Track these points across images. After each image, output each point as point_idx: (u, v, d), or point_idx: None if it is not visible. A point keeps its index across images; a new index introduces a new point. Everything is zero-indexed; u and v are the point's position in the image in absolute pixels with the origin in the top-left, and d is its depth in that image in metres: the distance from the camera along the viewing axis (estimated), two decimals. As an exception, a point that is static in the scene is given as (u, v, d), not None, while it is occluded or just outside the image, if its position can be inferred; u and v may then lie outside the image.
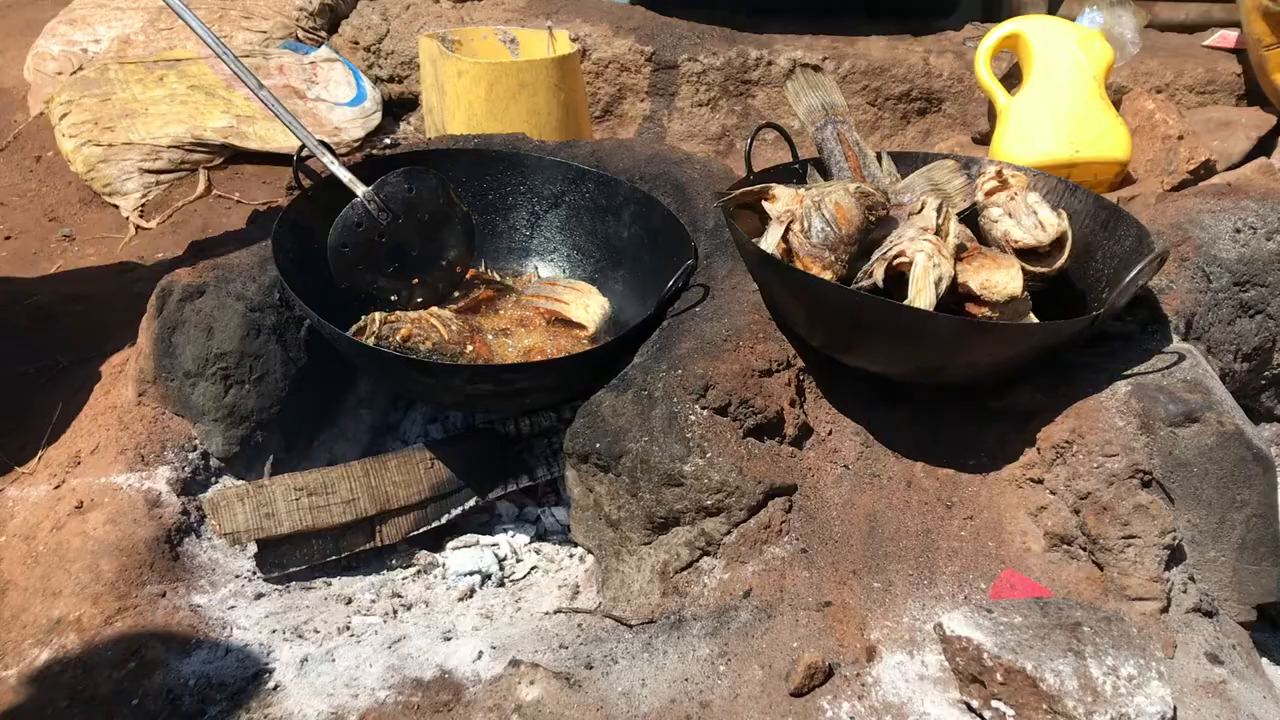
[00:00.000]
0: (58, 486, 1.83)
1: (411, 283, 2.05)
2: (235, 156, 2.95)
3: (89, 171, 2.85)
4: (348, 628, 1.69)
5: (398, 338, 1.89)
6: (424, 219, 2.00)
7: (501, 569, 1.89)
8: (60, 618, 1.60)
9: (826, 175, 2.01)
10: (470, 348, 1.94)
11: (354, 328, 1.89)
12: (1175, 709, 1.38)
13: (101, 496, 1.78)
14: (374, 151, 3.13)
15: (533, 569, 1.90)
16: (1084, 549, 1.64)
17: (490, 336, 2.02)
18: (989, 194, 1.86)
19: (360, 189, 1.94)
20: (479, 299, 2.15)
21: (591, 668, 1.53)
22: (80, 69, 3.23)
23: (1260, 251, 2.02)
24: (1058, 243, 1.74)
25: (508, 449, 1.98)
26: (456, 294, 2.15)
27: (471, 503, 1.92)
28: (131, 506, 1.77)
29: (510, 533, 1.98)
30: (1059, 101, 2.86)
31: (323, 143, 1.97)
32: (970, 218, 1.86)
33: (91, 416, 2.00)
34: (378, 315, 1.92)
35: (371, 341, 1.85)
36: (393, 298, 2.03)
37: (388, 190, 1.96)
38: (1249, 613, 1.64)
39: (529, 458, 1.98)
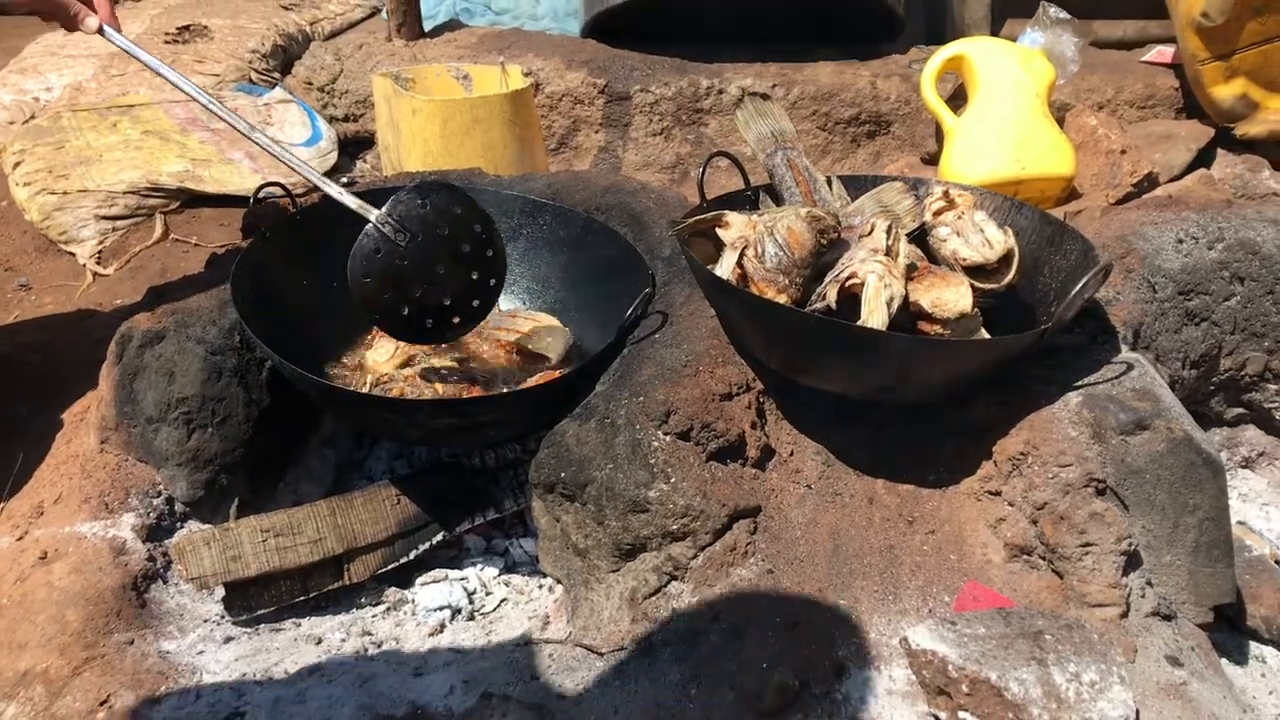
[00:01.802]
0: (21, 538, 1.81)
1: (444, 304, 1.89)
2: (191, 200, 2.94)
3: (44, 220, 2.84)
4: (319, 668, 1.69)
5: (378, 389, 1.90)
6: (444, 233, 1.84)
7: (471, 602, 1.89)
8: (27, 670, 1.58)
9: (778, 201, 2.05)
10: (439, 390, 1.95)
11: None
12: (1138, 712, 1.40)
13: (66, 546, 1.77)
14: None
15: (503, 601, 1.91)
16: (1043, 558, 1.67)
17: (483, 378, 2.03)
18: (937, 214, 1.90)
19: (372, 213, 1.81)
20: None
21: (564, 697, 1.54)
22: (32, 117, 3.22)
23: (1203, 261, 2.08)
24: (1005, 259, 1.78)
25: (474, 482, 1.99)
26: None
27: (439, 537, 1.93)
28: (96, 555, 1.76)
29: (479, 566, 1.98)
30: (1004, 120, 2.92)
31: (272, 183, 1.97)
32: (920, 238, 1.90)
33: (54, 466, 1.99)
34: (369, 377, 1.94)
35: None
36: (428, 323, 1.89)
37: (401, 210, 1.82)
38: (1206, 615, 1.68)
39: (495, 490, 1.99)
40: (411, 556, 1.91)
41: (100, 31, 1.74)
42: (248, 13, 3.98)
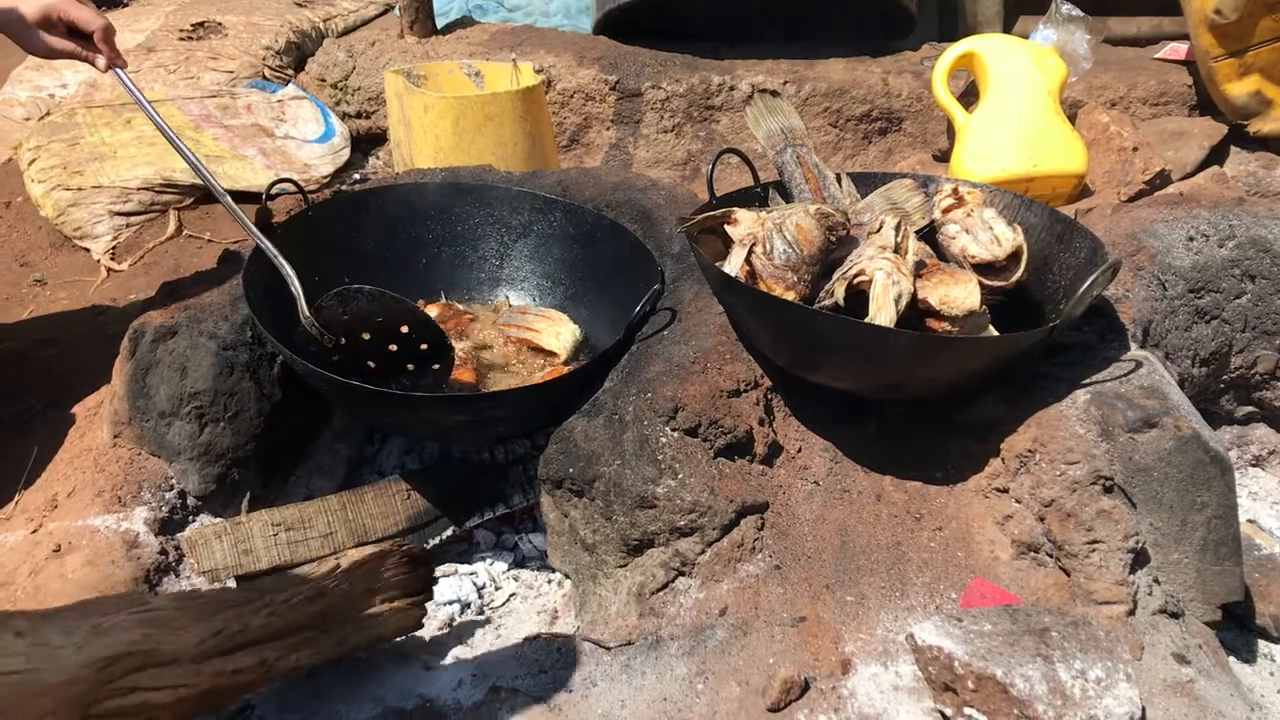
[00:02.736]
0: (35, 530, 1.83)
1: (388, 385, 1.95)
2: (205, 196, 2.97)
3: (59, 216, 2.86)
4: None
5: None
6: (366, 338, 1.89)
7: (480, 597, 1.90)
8: (40, 661, 1.60)
9: (788, 198, 2.05)
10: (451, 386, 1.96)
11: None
12: (1144, 709, 1.40)
13: (79, 539, 1.79)
14: (343, 187, 3.16)
15: (511, 596, 1.92)
16: (1050, 555, 1.67)
17: (496, 375, 2.04)
18: (946, 211, 1.90)
19: (304, 313, 1.84)
20: (459, 323, 2.17)
21: (571, 691, 1.55)
22: (48, 114, 3.25)
23: (1214, 258, 2.07)
24: (1014, 257, 1.78)
25: (483, 477, 2.00)
26: (430, 312, 2.08)
27: (449, 532, 1.94)
28: (109, 548, 1.77)
29: (489, 560, 1.99)
30: (1015, 118, 2.91)
31: (284, 179, 1.99)
32: (929, 235, 1.90)
33: (67, 460, 2.01)
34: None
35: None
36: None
37: (325, 315, 1.85)
38: (1214, 612, 1.68)
39: (505, 485, 2.00)
40: (422, 551, 1.92)
41: (109, 70, 1.85)
42: (262, 9, 4.00)
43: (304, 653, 1.47)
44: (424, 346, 1.92)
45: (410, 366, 1.94)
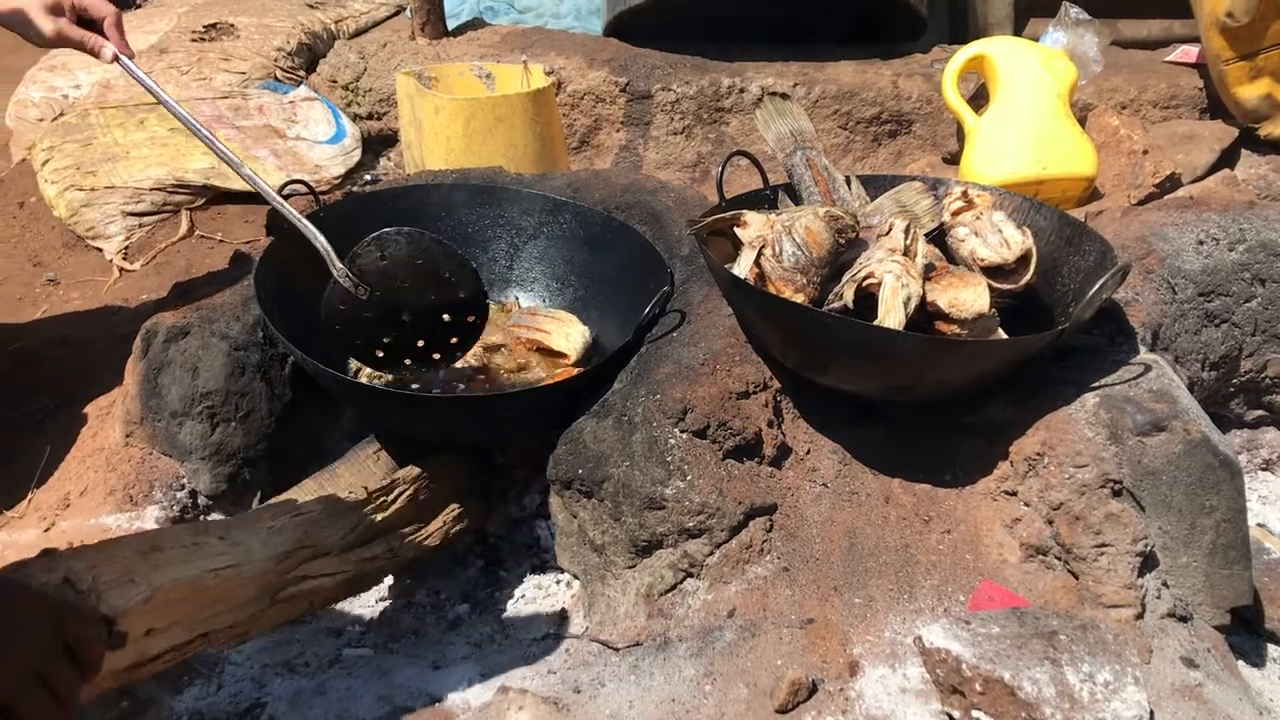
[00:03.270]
0: (47, 529, 1.85)
1: (417, 345, 1.94)
2: (217, 197, 2.98)
3: (72, 216, 2.88)
4: (339, 659, 1.71)
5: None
6: (404, 285, 1.87)
7: (490, 597, 1.91)
8: (52, 659, 1.61)
9: (797, 200, 2.05)
10: (461, 388, 1.97)
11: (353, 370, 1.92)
12: (1152, 713, 1.40)
13: (91, 538, 1.79)
14: (354, 189, 3.17)
15: (520, 596, 1.93)
16: (1059, 559, 1.67)
17: (504, 375, 2.04)
18: (955, 214, 1.90)
19: (336, 266, 1.83)
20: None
21: (579, 691, 1.55)
22: (61, 114, 3.26)
23: (1223, 262, 2.07)
24: (1023, 260, 1.78)
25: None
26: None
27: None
28: (121, 546, 1.78)
29: (503, 562, 2.00)
30: (1025, 121, 2.91)
31: (296, 180, 2.00)
32: (938, 238, 1.90)
33: (79, 459, 2.02)
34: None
35: (364, 378, 1.87)
36: (406, 361, 1.95)
37: (361, 263, 1.84)
38: (1223, 616, 1.67)
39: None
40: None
41: (115, 60, 1.82)
42: (274, 11, 4.01)
43: (415, 540, 1.80)
44: (461, 295, 1.90)
45: (446, 317, 1.92)
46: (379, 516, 1.73)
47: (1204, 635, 1.63)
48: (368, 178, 3.35)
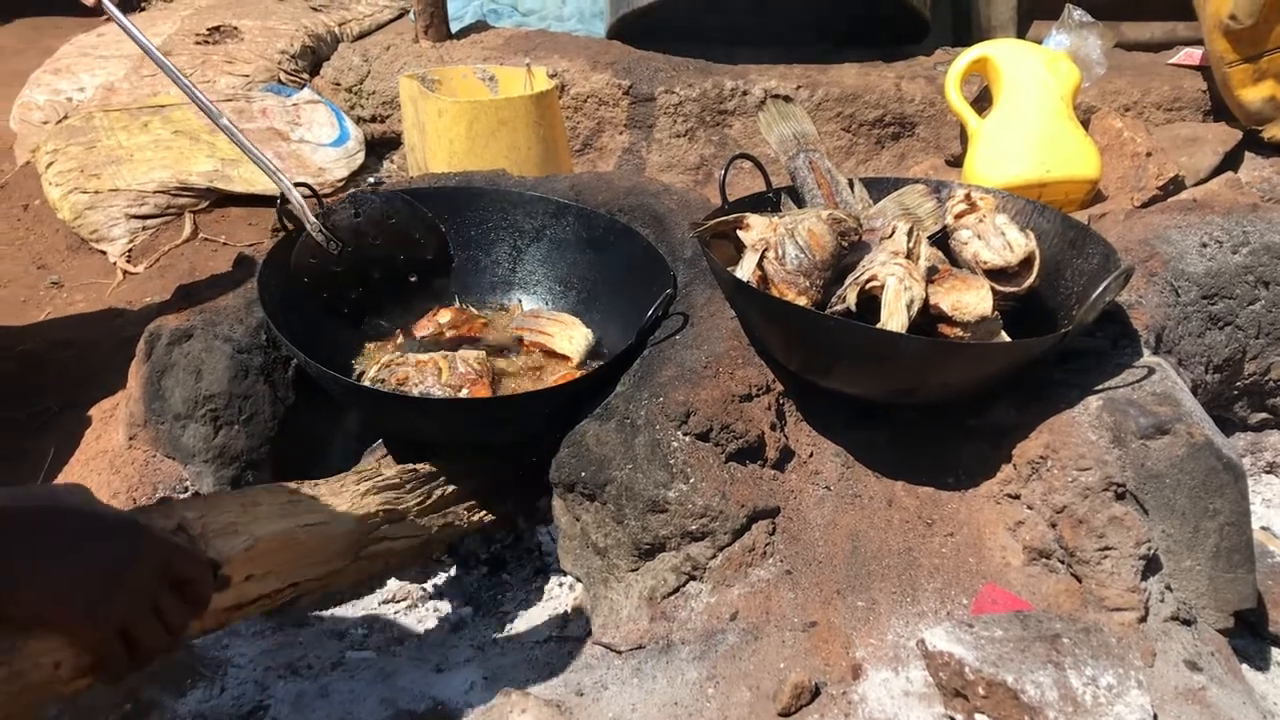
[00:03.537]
0: (51, 532, 1.84)
1: (383, 302, 2.04)
2: (220, 199, 2.99)
3: (76, 219, 2.88)
4: (341, 662, 1.71)
5: (393, 381, 1.91)
6: (376, 242, 1.97)
7: (492, 599, 1.91)
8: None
9: (800, 203, 2.05)
10: (465, 391, 1.96)
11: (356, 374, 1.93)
12: (1155, 717, 1.40)
13: (94, 540, 1.80)
14: (357, 191, 3.17)
15: (523, 599, 1.92)
16: (1062, 562, 1.67)
17: (509, 380, 2.05)
18: (958, 216, 1.90)
19: (310, 221, 1.91)
20: (471, 329, 2.18)
21: (582, 694, 1.55)
22: (65, 117, 3.27)
23: (1227, 265, 2.07)
24: (1026, 262, 1.78)
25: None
26: (443, 317, 2.14)
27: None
28: (124, 549, 1.78)
29: (507, 565, 2.00)
30: (1028, 123, 2.91)
31: (300, 183, 2.00)
32: (941, 240, 1.90)
33: (83, 461, 2.02)
34: (384, 356, 1.94)
35: (368, 381, 1.87)
36: (380, 321, 2.04)
37: (335, 219, 1.93)
38: (1227, 620, 1.67)
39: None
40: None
41: (99, 4, 1.78)
42: (277, 14, 4.02)
43: (477, 515, 1.93)
44: (429, 257, 2.01)
45: (413, 279, 2.03)
46: (449, 489, 1.87)
47: (1207, 639, 1.63)
48: (371, 180, 3.35)
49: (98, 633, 1.01)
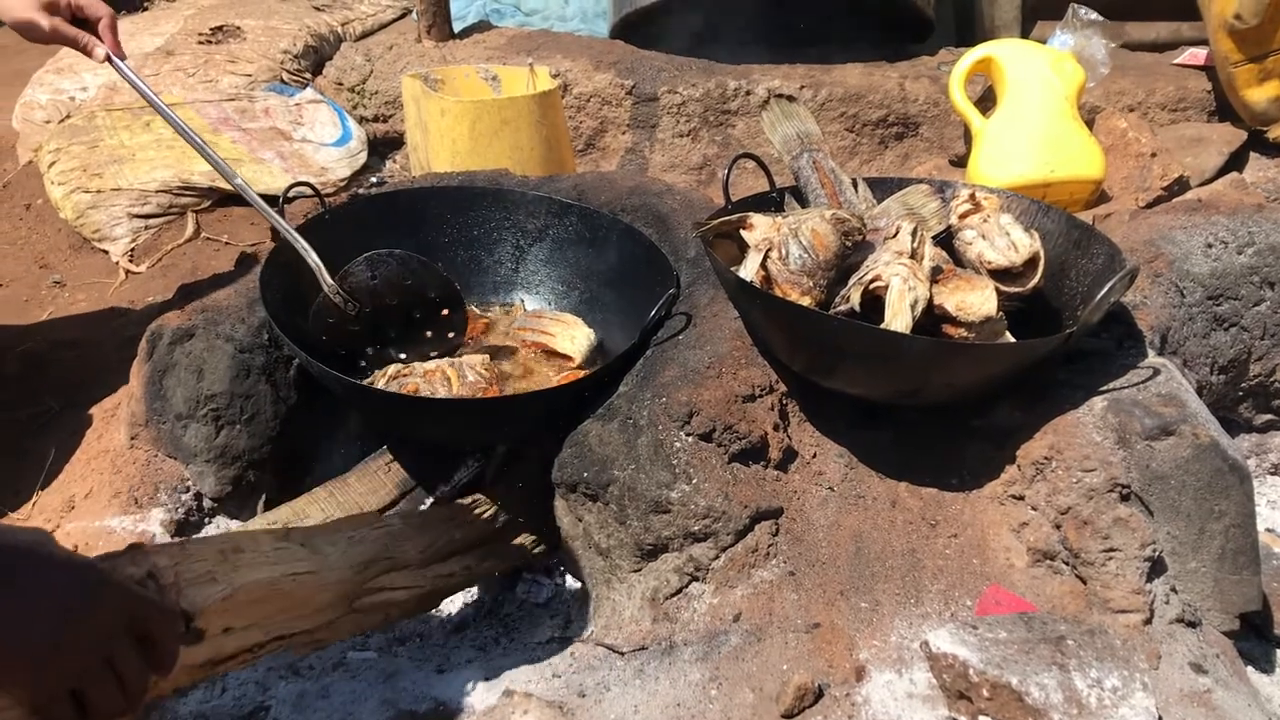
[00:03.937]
0: (52, 531, 1.84)
1: (400, 357, 2.02)
2: (223, 199, 2.98)
3: (78, 218, 2.88)
4: (343, 663, 1.71)
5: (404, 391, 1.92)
6: (393, 304, 1.98)
7: (494, 600, 1.91)
8: (57, 661, 1.61)
9: (804, 203, 2.05)
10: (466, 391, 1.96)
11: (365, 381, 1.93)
12: (1160, 719, 1.39)
13: (96, 540, 1.80)
14: (360, 191, 3.17)
15: (524, 599, 1.92)
16: (1066, 563, 1.66)
17: (509, 378, 2.04)
18: (963, 216, 1.89)
19: (326, 281, 1.90)
20: (473, 330, 2.17)
21: (584, 696, 1.55)
22: (68, 117, 3.27)
23: (1232, 265, 2.06)
24: (1030, 263, 1.77)
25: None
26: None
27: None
28: (126, 549, 1.78)
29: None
30: (1032, 123, 2.90)
31: (302, 183, 2.01)
32: (945, 240, 1.90)
33: (85, 461, 2.02)
34: (391, 368, 1.94)
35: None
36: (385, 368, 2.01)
37: (351, 281, 1.92)
38: (1232, 622, 1.66)
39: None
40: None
41: (108, 60, 1.84)
42: (280, 14, 4.02)
43: (489, 563, 1.82)
44: (445, 312, 2.02)
45: (428, 334, 2.03)
46: (458, 534, 1.75)
47: (1213, 641, 1.62)
48: (374, 180, 3.35)
49: (45, 691, 0.90)
